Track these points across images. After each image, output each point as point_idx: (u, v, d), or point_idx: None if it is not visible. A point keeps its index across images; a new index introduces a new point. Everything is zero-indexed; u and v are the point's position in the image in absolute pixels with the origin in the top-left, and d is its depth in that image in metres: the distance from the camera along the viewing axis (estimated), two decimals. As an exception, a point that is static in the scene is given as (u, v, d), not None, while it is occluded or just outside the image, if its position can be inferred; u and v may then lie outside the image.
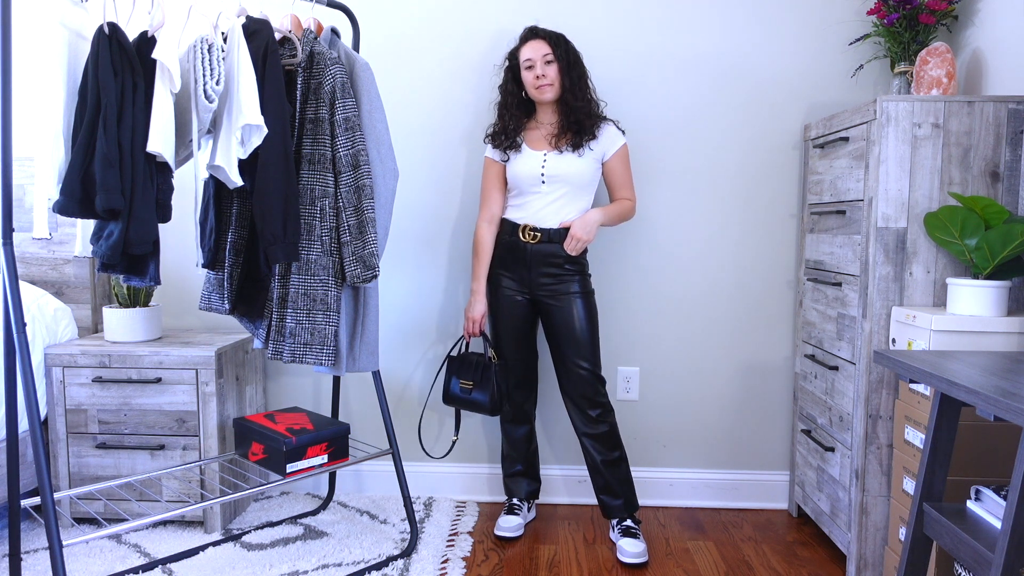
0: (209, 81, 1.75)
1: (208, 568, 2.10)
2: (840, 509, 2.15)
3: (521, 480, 2.47)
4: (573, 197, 2.26)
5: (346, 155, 1.96)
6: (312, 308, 1.98)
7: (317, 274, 1.98)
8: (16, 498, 1.78)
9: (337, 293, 2.00)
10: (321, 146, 1.96)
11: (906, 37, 2.26)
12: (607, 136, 2.28)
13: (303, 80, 1.96)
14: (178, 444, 2.31)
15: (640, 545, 2.21)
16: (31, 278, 2.58)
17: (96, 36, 1.66)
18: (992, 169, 1.96)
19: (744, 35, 2.53)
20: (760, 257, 2.60)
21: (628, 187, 2.34)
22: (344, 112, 1.95)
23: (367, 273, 1.99)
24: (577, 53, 2.28)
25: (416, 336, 2.67)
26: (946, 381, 1.29)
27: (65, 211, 1.66)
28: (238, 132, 1.79)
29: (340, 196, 1.97)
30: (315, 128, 1.96)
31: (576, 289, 2.27)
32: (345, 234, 1.98)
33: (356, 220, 1.98)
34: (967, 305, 1.83)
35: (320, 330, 1.99)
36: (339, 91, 1.95)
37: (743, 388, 2.64)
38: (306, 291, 1.97)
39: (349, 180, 1.97)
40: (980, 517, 1.41)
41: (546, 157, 2.26)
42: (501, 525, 2.37)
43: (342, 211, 1.98)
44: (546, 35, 2.25)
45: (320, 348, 1.99)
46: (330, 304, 1.99)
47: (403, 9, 2.58)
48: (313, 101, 1.96)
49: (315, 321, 1.99)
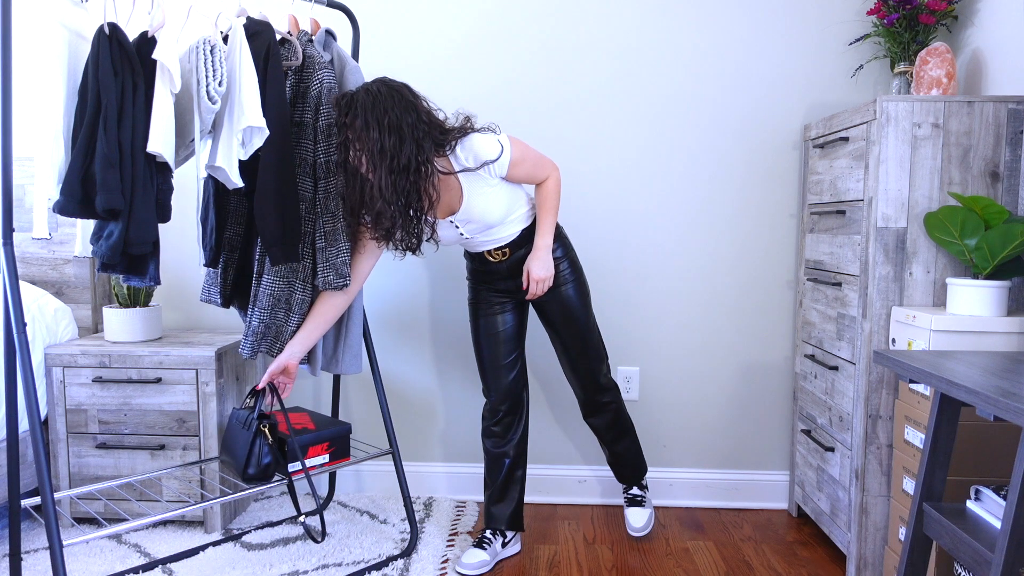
0: (212, 82, 1.75)
1: (208, 568, 2.10)
2: (840, 509, 2.15)
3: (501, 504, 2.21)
4: (501, 207, 2.00)
5: (326, 161, 1.95)
6: (275, 306, 1.99)
7: (286, 276, 1.99)
8: (16, 498, 1.78)
9: (303, 296, 2.01)
10: (304, 150, 1.95)
11: (906, 37, 2.27)
12: (478, 157, 1.89)
13: (293, 83, 1.96)
14: (178, 444, 2.31)
15: (645, 514, 2.30)
16: (31, 278, 2.58)
17: (96, 36, 1.66)
18: (992, 169, 1.96)
19: (744, 35, 2.53)
20: (760, 257, 2.60)
21: (540, 169, 2.01)
22: (328, 119, 1.94)
23: (339, 281, 1.98)
24: (368, 121, 1.77)
25: (417, 335, 2.68)
26: (946, 381, 1.29)
27: (65, 211, 1.66)
28: (239, 134, 1.79)
29: (318, 201, 1.97)
30: (299, 132, 1.95)
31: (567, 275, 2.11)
32: (320, 240, 1.97)
33: (332, 227, 1.97)
34: (967, 305, 1.83)
35: (278, 326, 2.00)
36: (324, 97, 1.93)
37: (743, 388, 2.64)
38: (271, 291, 1.98)
39: (328, 186, 1.96)
40: (980, 517, 1.41)
41: (452, 221, 2.00)
42: (463, 561, 2.11)
43: (319, 216, 1.97)
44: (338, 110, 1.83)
45: (273, 343, 2.01)
46: (292, 305, 2.01)
47: (403, 9, 2.58)
48: (300, 104, 1.96)
49: (276, 318, 2.00)
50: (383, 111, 1.78)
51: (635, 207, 2.59)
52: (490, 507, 2.22)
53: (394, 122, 1.78)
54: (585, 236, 2.61)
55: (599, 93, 2.57)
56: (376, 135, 1.77)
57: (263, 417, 2.00)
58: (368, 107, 1.77)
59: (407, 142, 1.79)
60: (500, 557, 2.21)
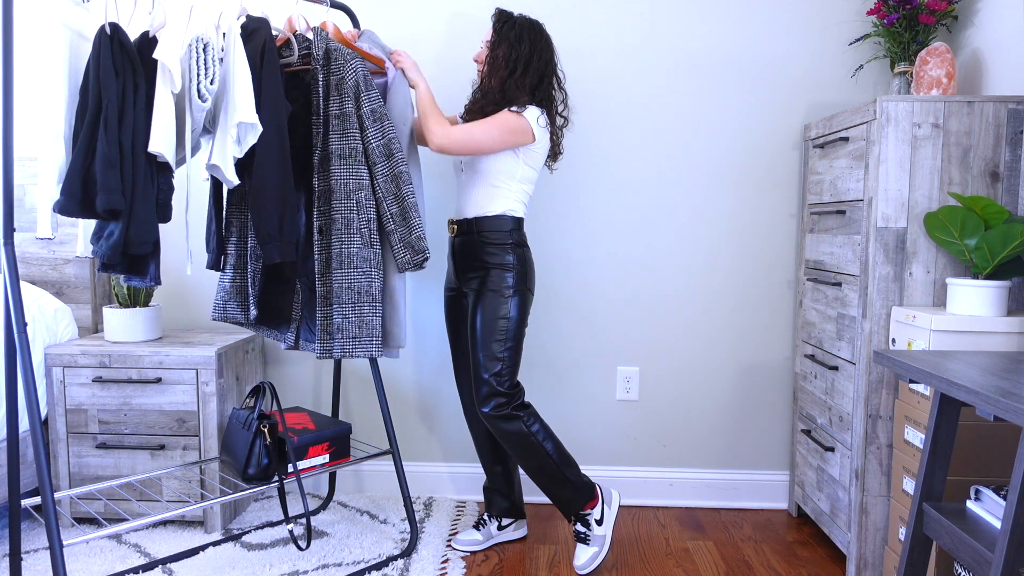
0: (203, 80, 1.75)
1: (208, 568, 2.10)
2: (840, 509, 2.15)
3: (493, 494, 2.32)
4: (479, 182, 2.10)
5: (378, 146, 1.98)
6: (358, 301, 2.00)
7: (359, 267, 2.00)
8: (16, 498, 1.78)
9: (380, 284, 2.03)
10: (351, 140, 1.97)
11: (906, 37, 2.27)
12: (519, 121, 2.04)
13: (323, 76, 1.97)
14: (178, 444, 2.31)
15: (588, 552, 2.14)
16: (31, 278, 2.58)
17: (97, 36, 1.66)
18: (992, 169, 1.96)
19: (744, 35, 2.54)
20: (760, 257, 2.60)
21: (464, 124, 2.06)
22: (370, 104, 1.97)
23: (417, 257, 2.02)
24: (524, 41, 2.04)
25: (417, 335, 2.68)
26: (946, 381, 1.29)
27: (66, 211, 1.66)
28: (233, 130, 1.80)
29: (377, 187, 2.00)
30: (342, 123, 1.97)
31: (492, 285, 2.09)
32: (389, 223, 2.01)
33: (398, 208, 2.01)
34: (967, 305, 1.83)
35: (368, 322, 2.01)
36: (362, 84, 1.97)
37: (743, 388, 2.65)
38: (350, 285, 1.99)
39: (385, 170, 2.00)
40: (980, 517, 1.41)
41: None
42: (458, 537, 2.27)
43: (382, 201, 2.00)
44: (498, 18, 2.09)
45: (368, 340, 2.01)
46: (375, 295, 2.01)
47: (403, 9, 2.58)
48: (336, 96, 1.97)
49: (362, 314, 2.00)
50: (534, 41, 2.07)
51: (635, 207, 2.60)
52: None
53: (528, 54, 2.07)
54: (585, 236, 2.61)
55: (599, 93, 2.57)
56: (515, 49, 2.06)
57: (263, 417, 2.00)
58: (526, 28, 2.08)
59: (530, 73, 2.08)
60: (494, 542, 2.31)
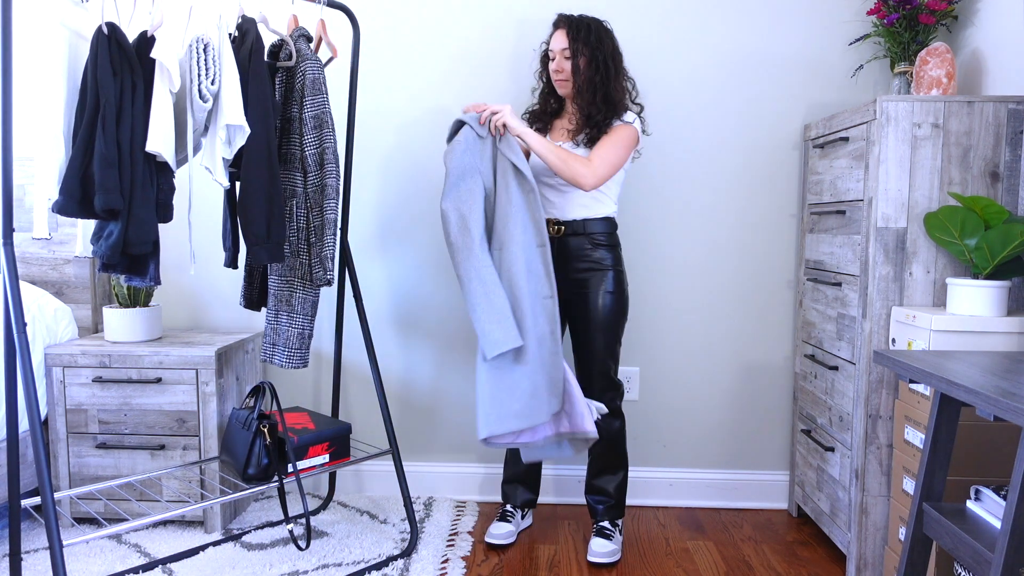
0: (204, 81, 1.75)
1: (208, 568, 2.10)
2: (840, 509, 2.15)
3: (517, 487, 2.41)
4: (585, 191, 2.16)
5: (312, 154, 1.92)
6: (278, 309, 1.96)
7: (284, 275, 1.97)
8: (16, 498, 1.78)
9: (303, 295, 1.98)
10: (293, 145, 1.94)
11: (906, 37, 2.27)
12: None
13: (286, 79, 1.95)
14: (178, 444, 2.31)
15: (610, 545, 2.21)
16: (31, 278, 2.58)
17: (95, 36, 1.66)
18: (992, 169, 1.96)
19: (744, 34, 2.54)
20: (760, 257, 2.60)
21: (596, 154, 2.09)
22: (313, 109, 1.91)
23: (327, 276, 1.97)
24: (605, 42, 2.14)
25: (417, 335, 2.68)
26: (946, 381, 1.29)
27: (64, 211, 1.66)
28: (222, 132, 1.79)
29: (308, 196, 1.94)
30: (290, 126, 1.94)
31: (604, 283, 2.19)
32: (312, 235, 1.95)
33: (320, 221, 1.95)
34: (967, 305, 1.83)
35: (283, 331, 1.98)
36: (308, 88, 1.91)
37: (743, 388, 2.64)
38: (274, 292, 1.96)
39: (315, 179, 1.93)
40: (980, 517, 1.41)
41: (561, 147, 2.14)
42: (492, 532, 2.32)
43: (310, 211, 1.94)
44: (569, 25, 2.14)
45: (284, 349, 1.99)
46: (294, 306, 1.96)
47: (403, 9, 2.58)
48: (291, 99, 1.95)
49: (279, 322, 1.97)
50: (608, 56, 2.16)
51: (635, 207, 2.59)
52: (512, 486, 2.40)
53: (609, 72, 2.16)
54: (585, 236, 2.61)
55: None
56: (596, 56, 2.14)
57: (263, 417, 2.00)
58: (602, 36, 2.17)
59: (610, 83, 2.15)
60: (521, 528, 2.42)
